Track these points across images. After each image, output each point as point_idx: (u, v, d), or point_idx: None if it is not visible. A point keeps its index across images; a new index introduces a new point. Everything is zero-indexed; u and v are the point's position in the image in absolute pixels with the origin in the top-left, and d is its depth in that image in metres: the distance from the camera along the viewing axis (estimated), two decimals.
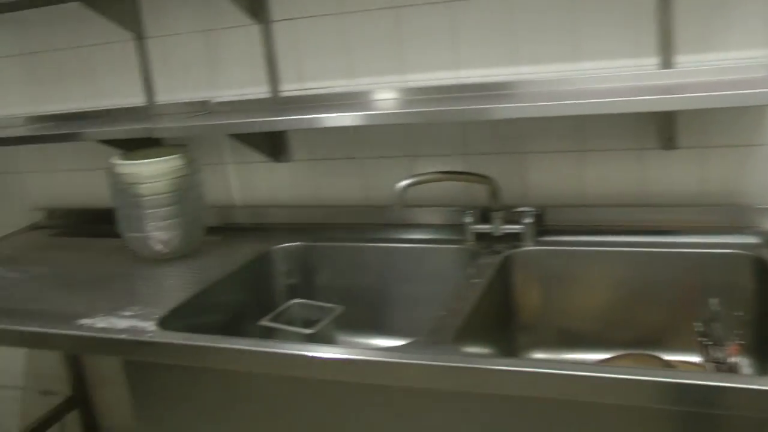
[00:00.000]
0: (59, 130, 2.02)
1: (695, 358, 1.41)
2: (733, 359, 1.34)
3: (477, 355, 1.21)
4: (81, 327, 1.50)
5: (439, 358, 1.21)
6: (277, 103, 2.01)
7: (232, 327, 1.76)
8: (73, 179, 2.41)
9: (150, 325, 1.47)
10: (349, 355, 1.26)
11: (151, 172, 1.81)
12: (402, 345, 1.30)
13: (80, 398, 2.61)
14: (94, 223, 2.35)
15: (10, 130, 2.22)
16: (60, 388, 2.66)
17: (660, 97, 1.41)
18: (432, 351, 1.24)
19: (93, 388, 2.64)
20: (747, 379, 1.04)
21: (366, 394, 1.31)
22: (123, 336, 1.43)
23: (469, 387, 1.19)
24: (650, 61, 1.67)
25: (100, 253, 2.03)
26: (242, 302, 1.82)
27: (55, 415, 2.55)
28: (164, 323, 1.49)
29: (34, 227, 2.42)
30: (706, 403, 1.05)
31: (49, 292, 1.74)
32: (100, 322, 1.51)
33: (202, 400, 1.46)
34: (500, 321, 1.68)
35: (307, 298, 1.86)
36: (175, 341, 1.38)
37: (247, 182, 2.16)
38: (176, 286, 1.70)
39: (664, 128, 1.68)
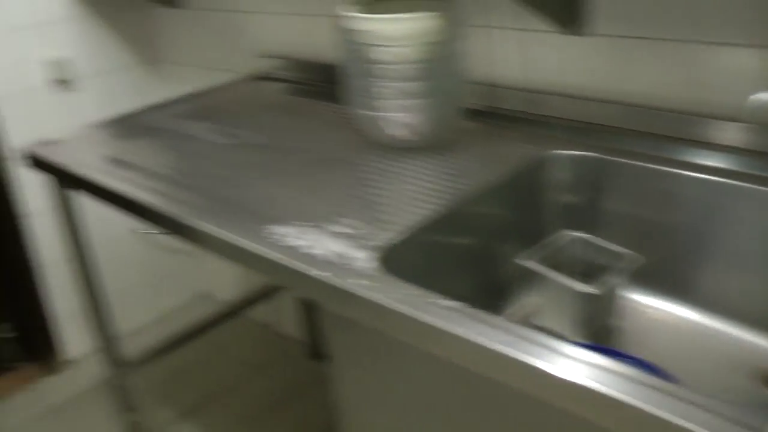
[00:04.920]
0: None
1: None
2: None
3: None
4: (264, 239, 1.05)
5: None
6: None
7: (479, 261, 1.26)
8: (309, 26, 1.96)
9: (365, 258, 0.99)
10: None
11: (396, 33, 1.30)
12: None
13: None
14: (328, 83, 1.89)
15: None
16: None
17: None
18: None
19: None
20: None
21: None
22: (316, 273, 0.95)
23: None
24: None
25: (325, 126, 1.58)
26: (498, 224, 1.30)
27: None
28: (389, 258, 1.00)
29: (258, 77, 2.02)
30: None
31: (249, 171, 1.32)
32: (295, 237, 1.05)
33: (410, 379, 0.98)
34: None
35: (588, 231, 1.32)
36: (393, 306, 0.88)
37: (525, 57, 1.59)
38: (416, 191, 1.22)
39: None
